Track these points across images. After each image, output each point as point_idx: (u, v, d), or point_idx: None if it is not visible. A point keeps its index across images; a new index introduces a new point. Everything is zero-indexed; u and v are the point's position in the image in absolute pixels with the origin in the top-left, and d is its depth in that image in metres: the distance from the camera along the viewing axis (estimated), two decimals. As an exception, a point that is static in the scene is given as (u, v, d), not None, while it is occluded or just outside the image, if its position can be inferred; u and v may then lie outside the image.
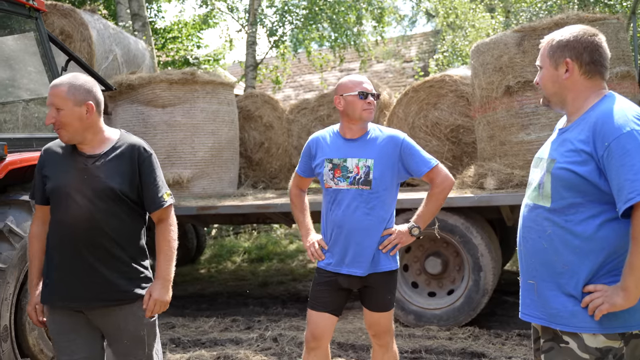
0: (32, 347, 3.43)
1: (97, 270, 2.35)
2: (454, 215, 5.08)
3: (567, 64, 1.95)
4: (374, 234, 2.89)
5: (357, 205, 2.88)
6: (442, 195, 2.94)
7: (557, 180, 1.90)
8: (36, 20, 4.05)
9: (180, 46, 14.18)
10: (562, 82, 1.98)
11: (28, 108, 4.51)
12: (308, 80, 17.23)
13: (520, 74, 5.23)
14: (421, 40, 18.13)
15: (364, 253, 2.88)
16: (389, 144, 2.90)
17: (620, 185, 1.76)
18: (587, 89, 1.96)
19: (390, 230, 2.93)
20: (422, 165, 2.89)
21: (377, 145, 2.91)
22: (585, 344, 1.86)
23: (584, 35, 1.95)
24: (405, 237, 2.92)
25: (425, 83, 6.72)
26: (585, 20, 5.02)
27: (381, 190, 2.89)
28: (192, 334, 5.25)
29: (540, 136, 5.10)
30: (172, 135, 6.61)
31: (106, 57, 7.06)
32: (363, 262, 2.88)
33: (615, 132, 1.79)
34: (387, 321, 3.03)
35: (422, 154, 2.92)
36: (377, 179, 2.87)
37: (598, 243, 1.85)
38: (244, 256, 9.72)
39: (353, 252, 2.89)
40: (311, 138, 3.09)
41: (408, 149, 2.90)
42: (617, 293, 1.78)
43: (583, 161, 1.85)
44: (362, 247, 2.87)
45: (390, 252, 2.92)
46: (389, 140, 2.91)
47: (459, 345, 4.60)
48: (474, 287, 5.02)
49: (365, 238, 2.87)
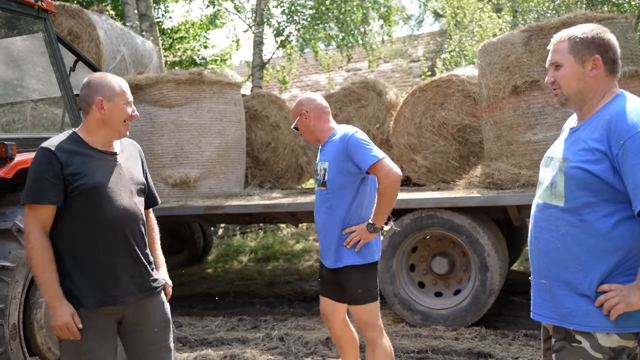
0: (40, 346, 3.45)
1: (141, 263, 2.43)
2: (461, 215, 5.07)
3: (595, 60, 1.92)
4: (334, 231, 3.11)
5: (319, 205, 3.20)
6: (387, 190, 3.00)
7: (571, 179, 1.89)
8: (45, 21, 4.07)
9: (188, 46, 14.23)
10: (587, 80, 1.94)
11: (36, 108, 4.54)
12: (315, 80, 17.24)
13: (528, 73, 5.22)
14: (428, 39, 18.10)
15: (329, 247, 3.14)
16: (339, 144, 3.09)
17: (635, 184, 1.75)
18: (605, 87, 1.95)
19: (352, 228, 3.08)
20: (368, 159, 2.98)
21: (332, 148, 3.12)
22: (599, 344, 1.86)
23: (605, 33, 1.94)
24: (365, 233, 3.07)
25: (432, 83, 6.71)
26: (593, 20, 5.00)
27: (335, 190, 3.09)
28: (198, 333, 5.27)
29: (547, 136, 5.08)
30: (179, 135, 6.64)
31: (114, 58, 7.09)
32: (329, 256, 3.15)
33: (630, 131, 1.78)
34: (363, 315, 3.12)
35: (368, 148, 3.01)
36: (330, 181, 3.10)
37: (613, 242, 1.84)
38: (250, 256, 9.74)
39: (321, 246, 3.23)
40: None
41: (353, 145, 3.02)
42: (634, 292, 1.78)
43: (597, 160, 1.84)
44: (327, 242, 3.16)
45: (355, 247, 3.08)
46: (339, 140, 3.10)
47: (465, 345, 4.60)
48: (481, 287, 5.01)
49: (327, 234, 3.14)
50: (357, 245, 3.07)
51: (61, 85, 4.14)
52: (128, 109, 2.42)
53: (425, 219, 5.18)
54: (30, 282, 3.43)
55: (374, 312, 3.15)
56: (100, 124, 2.40)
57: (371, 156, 2.98)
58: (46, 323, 3.45)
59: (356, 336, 3.42)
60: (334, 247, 3.12)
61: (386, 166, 2.97)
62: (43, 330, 3.44)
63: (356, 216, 3.10)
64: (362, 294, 3.11)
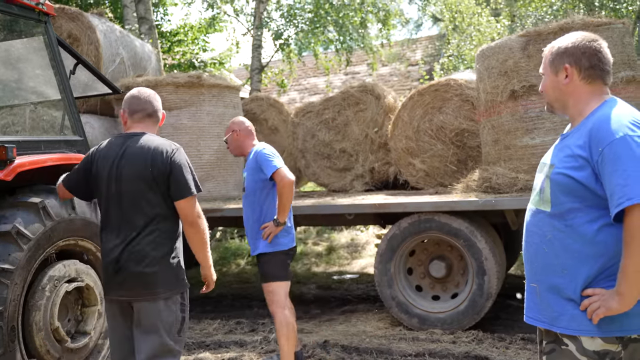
0: (39, 348, 3.46)
1: None
2: (459, 219, 5.09)
3: (566, 69, 1.98)
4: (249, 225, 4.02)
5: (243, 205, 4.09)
6: (282, 192, 3.83)
7: (556, 185, 1.93)
8: (45, 24, 4.09)
9: (186, 49, 14.24)
10: (563, 88, 2.01)
11: (36, 111, 4.55)
12: (313, 83, 17.27)
13: (525, 78, 5.24)
14: (427, 43, 18.14)
15: (250, 240, 4.07)
16: (252, 157, 3.97)
17: (612, 190, 1.78)
18: (588, 94, 1.99)
19: (266, 224, 3.92)
20: (269, 169, 3.82)
21: (249, 161, 4.02)
22: (584, 347, 1.88)
23: (583, 40, 1.98)
24: (272, 227, 3.88)
25: (431, 87, 6.74)
26: (590, 25, 5.03)
27: (250, 195, 3.98)
28: (196, 336, 5.27)
29: (545, 140, 5.11)
30: (178, 138, 6.62)
31: (113, 61, 7.11)
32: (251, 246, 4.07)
33: (608, 138, 1.81)
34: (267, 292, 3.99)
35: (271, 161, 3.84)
36: (248, 186, 4.00)
37: (597, 247, 1.86)
38: (248, 259, 9.74)
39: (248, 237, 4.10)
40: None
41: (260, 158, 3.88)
42: (613, 297, 1.81)
43: (580, 166, 1.87)
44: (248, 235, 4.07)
45: (268, 239, 3.90)
46: (253, 154, 3.98)
47: (462, 348, 4.61)
48: (478, 290, 5.03)
49: (247, 227, 4.04)
50: (269, 237, 3.89)
51: (61, 88, 4.15)
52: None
53: (423, 223, 5.20)
54: (29, 285, 3.44)
55: (276, 291, 3.95)
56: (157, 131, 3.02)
57: (274, 166, 3.81)
58: (44, 325, 3.46)
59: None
60: (251, 240, 4.04)
61: (282, 173, 3.80)
62: (42, 333, 3.45)
63: (270, 214, 3.93)
64: (265, 275, 3.97)
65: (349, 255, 9.83)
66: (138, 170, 2.81)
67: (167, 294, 2.80)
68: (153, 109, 2.99)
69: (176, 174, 2.81)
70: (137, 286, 2.80)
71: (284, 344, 3.96)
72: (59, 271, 3.59)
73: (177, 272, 2.87)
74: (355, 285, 7.65)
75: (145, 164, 2.80)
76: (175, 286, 2.85)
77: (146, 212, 2.80)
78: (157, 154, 2.81)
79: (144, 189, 2.80)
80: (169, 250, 2.83)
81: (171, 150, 2.86)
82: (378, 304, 5.97)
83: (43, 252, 3.47)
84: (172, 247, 2.86)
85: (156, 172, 2.79)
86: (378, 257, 5.35)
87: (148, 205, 2.79)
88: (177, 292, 2.86)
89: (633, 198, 1.73)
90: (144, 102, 2.97)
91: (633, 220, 1.74)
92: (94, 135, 6.65)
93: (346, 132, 7.38)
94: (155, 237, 2.79)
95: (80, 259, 3.86)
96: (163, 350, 2.79)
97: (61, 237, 3.60)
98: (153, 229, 2.79)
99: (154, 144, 2.85)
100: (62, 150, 3.94)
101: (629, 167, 1.75)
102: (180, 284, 2.88)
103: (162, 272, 2.79)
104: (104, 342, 3.95)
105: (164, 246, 2.81)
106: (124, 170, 2.84)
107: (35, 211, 3.43)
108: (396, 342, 4.86)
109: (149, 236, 2.79)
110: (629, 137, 1.79)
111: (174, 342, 2.83)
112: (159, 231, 2.81)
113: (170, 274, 2.83)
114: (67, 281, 3.64)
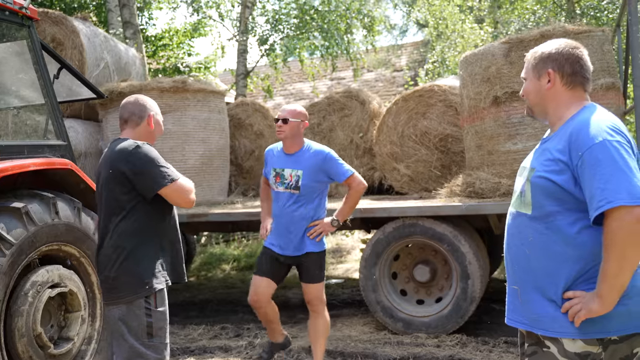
0: (21, 355, 3.42)
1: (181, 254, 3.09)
2: (443, 224, 5.13)
3: (549, 74, 2.02)
4: (301, 225, 3.83)
5: (289, 204, 3.84)
6: (356, 196, 3.87)
7: (536, 188, 1.96)
8: (29, 29, 4.07)
9: (171, 54, 14.20)
10: (545, 93, 2.05)
11: (19, 115, 4.52)
12: (299, 88, 17.29)
13: (508, 84, 5.31)
14: (412, 49, 18.27)
15: (293, 239, 3.85)
16: (314, 158, 3.81)
17: (591, 194, 1.81)
18: (569, 100, 2.03)
19: (317, 222, 3.85)
20: (344, 173, 3.80)
21: (306, 159, 3.82)
22: (565, 349, 1.91)
23: (566, 47, 2.03)
24: (327, 227, 3.85)
25: (415, 92, 6.79)
26: (571, 33, 5.11)
27: (305, 193, 3.81)
28: (181, 341, 5.25)
29: (527, 146, 5.17)
30: (162, 143, 6.62)
31: (97, 65, 7.07)
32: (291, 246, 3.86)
33: (588, 142, 1.84)
34: (317, 291, 3.93)
35: (343, 165, 3.81)
36: (304, 185, 3.79)
37: (577, 249, 1.90)
38: (233, 264, 9.72)
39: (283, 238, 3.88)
40: (268, 148, 4.12)
41: (330, 161, 3.80)
42: (593, 299, 1.83)
43: (560, 170, 1.90)
44: (292, 234, 3.84)
45: (317, 238, 3.84)
46: (314, 154, 3.83)
47: (446, 352, 4.65)
48: (462, 294, 5.07)
49: (295, 227, 3.83)
50: (318, 236, 3.84)
51: (44, 92, 4.13)
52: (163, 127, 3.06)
53: (407, 227, 5.23)
54: (12, 290, 3.41)
55: (323, 289, 3.97)
56: (147, 135, 2.95)
57: (347, 170, 3.80)
58: (27, 331, 3.43)
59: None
60: (297, 239, 3.85)
61: (357, 178, 3.82)
62: (24, 339, 3.42)
63: (319, 214, 3.89)
64: (319, 274, 3.91)
65: (335, 260, 9.85)
66: (106, 176, 2.86)
67: (129, 297, 2.74)
68: (128, 114, 2.96)
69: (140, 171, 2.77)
70: (105, 291, 2.86)
71: (324, 344, 4.04)
72: (42, 276, 3.56)
73: (141, 275, 2.76)
74: (340, 290, 7.67)
75: (108, 168, 2.85)
76: (138, 290, 2.75)
77: (112, 216, 2.82)
78: (117, 155, 2.82)
79: (113, 192, 2.83)
80: (131, 253, 2.77)
81: (131, 149, 2.79)
82: (363, 309, 6.00)
83: (26, 257, 3.45)
84: (134, 249, 2.77)
85: (116, 173, 2.80)
86: (363, 262, 5.37)
87: (116, 208, 2.82)
88: (141, 296, 2.75)
89: (612, 201, 1.76)
90: (121, 110, 3.02)
91: (612, 223, 1.77)
92: (78, 140, 6.61)
93: (331, 137, 7.41)
94: (117, 240, 2.78)
95: (63, 264, 3.83)
96: (133, 355, 2.75)
97: (44, 242, 3.58)
98: (115, 232, 2.80)
99: (117, 147, 2.85)
100: (46, 155, 3.92)
101: (608, 170, 1.79)
102: (144, 288, 2.76)
103: (124, 276, 2.76)
104: (87, 347, 3.93)
105: (124, 249, 2.77)
106: (100, 177, 2.94)
107: (18, 216, 3.41)
108: (381, 346, 4.88)
109: (112, 240, 2.80)
110: (608, 142, 1.82)
111: (145, 348, 2.75)
112: (122, 234, 2.79)
113: (132, 277, 2.76)
114: (50, 286, 3.61)
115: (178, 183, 2.85)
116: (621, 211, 1.75)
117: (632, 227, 1.75)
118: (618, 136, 1.85)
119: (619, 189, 1.76)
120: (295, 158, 3.87)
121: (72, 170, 3.94)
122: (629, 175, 1.78)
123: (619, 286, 1.81)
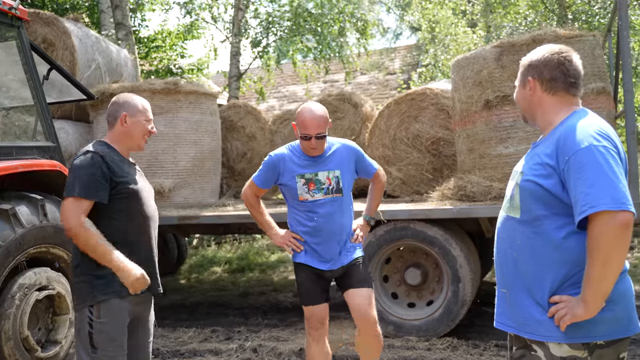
0: (7, 358, 3.39)
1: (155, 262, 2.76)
2: (434, 227, 5.13)
3: (530, 82, 2.05)
4: (347, 232, 3.39)
5: (333, 211, 3.32)
6: (382, 191, 3.63)
7: (524, 192, 1.97)
8: (18, 29, 4.04)
9: (164, 55, 14.17)
10: (529, 100, 2.08)
11: (8, 116, 4.49)
12: (292, 90, 17.29)
13: (499, 88, 5.32)
14: (405, 53, 18.32)
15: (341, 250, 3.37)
16: (346, 153, 3.38)
17: (576, 198, 1.82)
18: (555, 105, 2.04)
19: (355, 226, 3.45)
20: (372, 168, 3.50)
21: (339, 157, 3.35)
22: (551, 353, 1.91)
23: (547, 54, 2.04)
24: (366, 227, 3.53)
25: (407, 96, 6.80)
26: (562, 37, 5.12)
27: (347, 195, 3.39)
28: (171, 344, 5.22)
29: (518, 149, 5.19)
30: (154, 145, 6.60)
31: (89, 66, 7.04)
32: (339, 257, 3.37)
33: (574, 147, 1.85)
34: (371, 294, 3.41)
35: (368, 159, 3.51)
36: (346, 187, 3.36)
37: (563, 254, 1.90)
38: (225, 266, 9.69)
39: (328, 252, 3.34)
40: (275, 155, 3.39)
41: (361, 155, 3.45)
42: (578, 304, 1.84)
43: (548, 174, 1.91)
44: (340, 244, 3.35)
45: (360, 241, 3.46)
46: (344, 149, 3.39)
47: (437, 355, 4.64)
48: (453, 298, 5.07)
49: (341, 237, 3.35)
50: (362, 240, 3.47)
51: (34, 93, 4.10)
52: (147, 126, 2.76)
53: (398, 231, 5.23)
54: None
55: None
56: (123, 136, 2.74)
57: (374, 165, 3.51)
58: (14, 334, 3.40)
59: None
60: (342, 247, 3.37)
61: (382, 172, 3.58)
62: (11, 342, 3.39)
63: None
64: (370, 277, 3.46)
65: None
66: None
67: (77, 305, 2.64)
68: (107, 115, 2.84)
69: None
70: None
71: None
72: (30, 279, 3.53)
73: (88, 283, 2.60)
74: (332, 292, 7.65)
75: None
76: (83, 299, 2.60)
77: None
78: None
79: None
80: (80, 260, 2.64)
81: (79, 153, 2.69)
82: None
83: (13, 259, 3.42)
84: (82, 256, 2.62)
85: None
86: (354, 265, 5.35)
87: None
88: (85, 305, 2.59)
89: (596, 206, 1.76)
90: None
91: (596, 227, 1.78)
92: (68, 141, 6.57)
93: (323, 140, 7.40)
94: (75, 247, 2.65)
95: (51, 266, 3.80)
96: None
97: (32, 244, 3.55)
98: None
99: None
100: (34, 157, 3.89)
101: (593, 175, 1.79)
102: (88, 297, 2.59)
103: (76, 283, 2.67)
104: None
105: (76, 256, 2.67)
106: None
107: (5, 218, 3.38)
108: (372, 349, 4.86)
109: (73, 245, 2.68)
110: (594, 147, 1.83)
111: (90, 358, 2.59)
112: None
113: (80, 285, 2.63)
114: (38, 289, 3.58)
115: (68, 200, 2.56)
116: (604, 216, 1.75)
117: (615, 232, 1.75)
118: (605, 141, 1.86)
119: (603, 194, 1.76)
120: (324, 159, 3.32)
121: (61, 171, 3.91)
122: (614, 180, 1.78)
123: (603, 291, 1.81)
